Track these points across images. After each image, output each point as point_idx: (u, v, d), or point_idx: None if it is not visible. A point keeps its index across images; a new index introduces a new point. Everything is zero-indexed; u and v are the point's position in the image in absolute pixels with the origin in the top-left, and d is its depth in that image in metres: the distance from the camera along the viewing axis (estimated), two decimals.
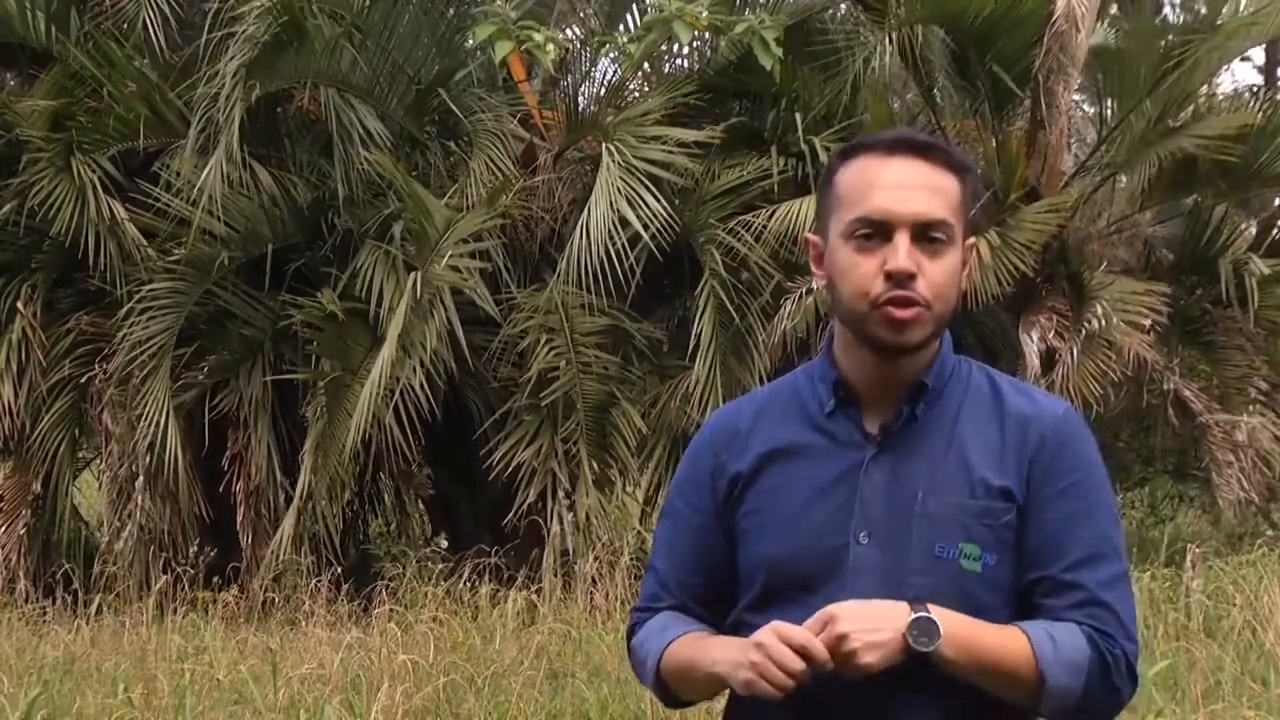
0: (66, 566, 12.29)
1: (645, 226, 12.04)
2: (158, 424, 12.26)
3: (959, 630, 2.55)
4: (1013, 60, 12.80)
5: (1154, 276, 12.99)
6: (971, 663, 2.57)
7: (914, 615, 2.53)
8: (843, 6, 13.91)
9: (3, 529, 12.73)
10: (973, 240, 2.78)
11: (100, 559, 12.51)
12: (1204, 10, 18.69)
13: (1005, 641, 2.59)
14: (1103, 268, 12.79)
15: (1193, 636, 9.09)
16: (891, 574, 2.65)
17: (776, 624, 2.56)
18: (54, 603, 11.40)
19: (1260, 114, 13.30)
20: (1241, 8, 14.38)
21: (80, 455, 13.42)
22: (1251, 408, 12.69)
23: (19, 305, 12.97)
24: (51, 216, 12.68)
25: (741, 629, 2.75)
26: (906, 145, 2.74)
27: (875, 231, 2.67)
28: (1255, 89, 17.48)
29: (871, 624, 2.53)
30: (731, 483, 2.83)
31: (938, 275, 2.67)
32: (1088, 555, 2.66)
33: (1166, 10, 19.69)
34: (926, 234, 2.66)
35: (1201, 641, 8.98)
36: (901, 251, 2.64)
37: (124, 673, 8.92)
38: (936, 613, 2.55)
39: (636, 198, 12.15)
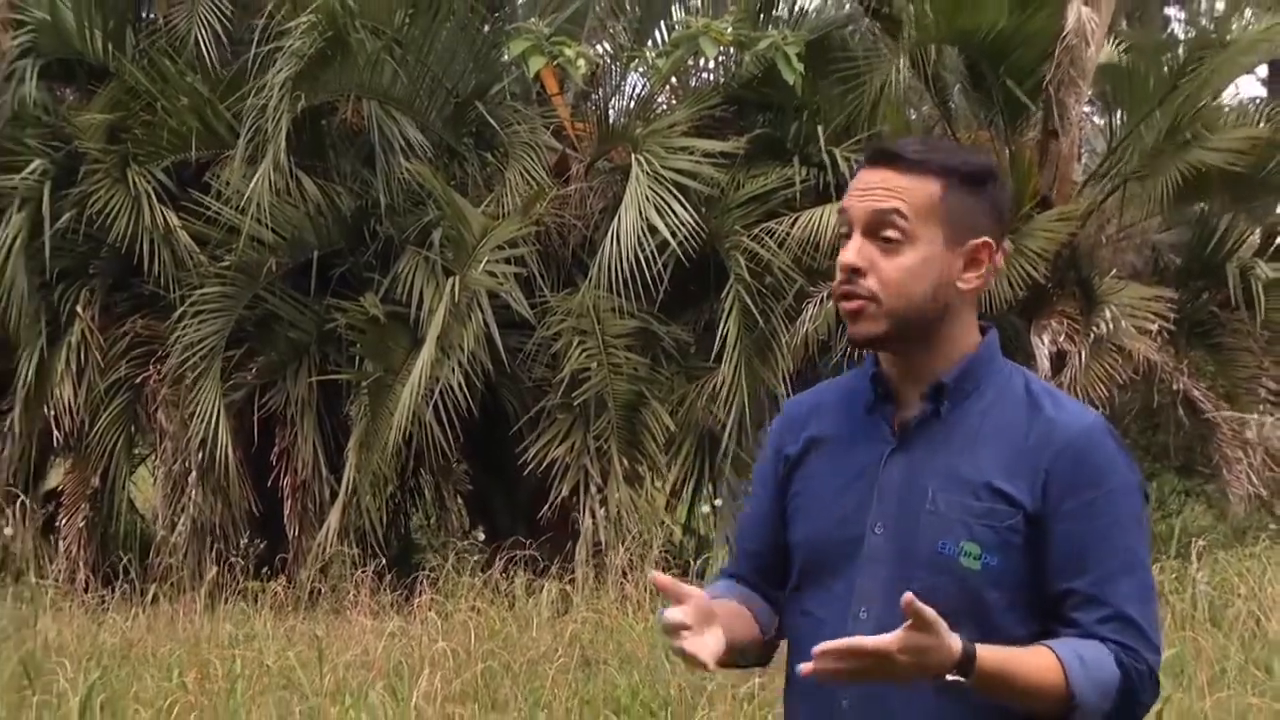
0: (124, 558, 12.29)
1: (673, 233, 12.07)
2: (209, 422, 12.32)
3: (991, 668, 2.51)
4: (1025, 73, 12.77)
5: (1162, 281, 12.97)
6: (1004, 693, 2.56)
7: (948, 678, 2.49)
8: (863, 23, 13.89)
9: (64, 522, 12.74)
10: (983, 240, 2.74)
11: (155, 550, 12.53)
12: (1209, 25, 18.69)
13: (1037, 667, 2.56)
14: (1112, 273, 12.77)
15: (1199, 626, 9.09)
16: (900, 566, 2.67)
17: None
18: (112, 592, 11.40)
19: (1266, 126, 13.29)
20: (1247, 24, 14.37)
21: (136, 452, 13.45)
22: (1261, 407, 12.66)
23: (78, 309, 12.99)
24: (109, 224, 12.74)
25: (790, 613, 2.83)
26: (881, 154, 2.77)
27: (846, 231, 2.72)
28: (1259, 101, 17.39)
29: (911, 675, 2.49)
30: (785, 465, 2.88)
31: (890, 271, 2.68)
32: (1114, 570, 2.62)
33: (1174, 26, 19.58)
34: (878, 231, 2.68)
35: (1207, 631, 8.98)
36: (851, 248, 2.68)
37: (178, 658, 8.94)
38: (980, 650, 2.50)
39: (665, 206, 12.18)
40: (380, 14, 12.93)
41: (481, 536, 11.76)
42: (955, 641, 2.48)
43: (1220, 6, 20.84)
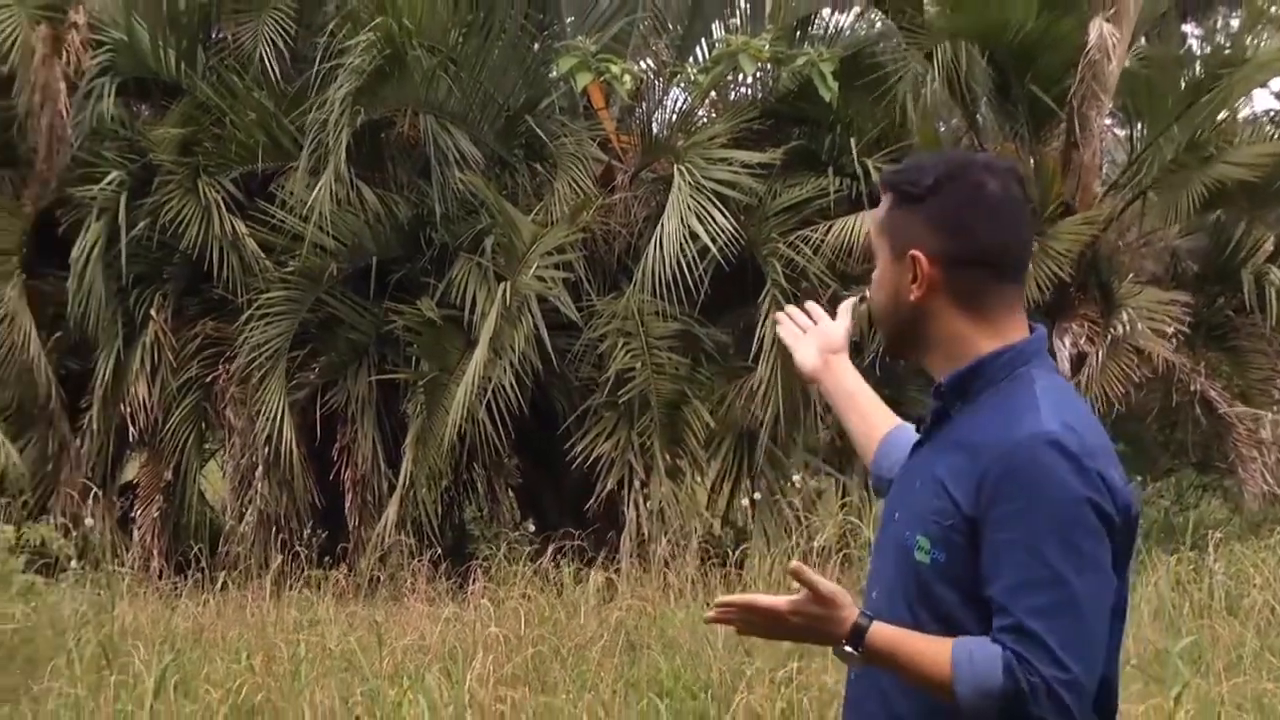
0: (195, 547, 12.34)
1: (713, 240, 12.08)
2: (274, 419, 12.39)
3: (881, 646, 2.57)
4: (1050, 82, 12.76)
5: (1179, 286, 12.93)
6: (894, 671, 2.60)
7: (844, 646, 2.59)
8: (894, 39, 13.86)
9: (139, 513, 12.83)
10: (917, 252, 2.70)
11: (224, 540, 12.60)
12: (1225, 42, 18.55)
13: (929, 656, 2.55)
14: (1130, 278, 12.75)
15: (1216, 615, 9.05)
16: (893, 552, 2.73)
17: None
18: (184, 579, 11.43)
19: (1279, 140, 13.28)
20: (1262, 42, 14.31)
21: (206, 447, 13.52)
22: (1275, 407, 12.61)
23: (152, 312, 13.07)
24: (181, 232, 12.83)
25: None
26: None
27: None
28: (1273, 113, 17.31)
29: (805, 638, 2.70)
30: None
31: (871, 290, 2.83)
32: (1021, 582, 2.53)
33: (1191, 42, 19.46)
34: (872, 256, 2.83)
35: (1224, 619, 8.93)
36: None
37: (246, 642, 8.97)
38: (879, 628, 2.58)
39: (705, 214, 12.19)
40: (436, 32, 12.96)
41: (531, 528, 11.78)
42: (850, 615, 2.55)
43: (1235, 24, 20.74)
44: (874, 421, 3.20)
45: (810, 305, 3.39)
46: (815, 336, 3.30)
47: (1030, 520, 2.53)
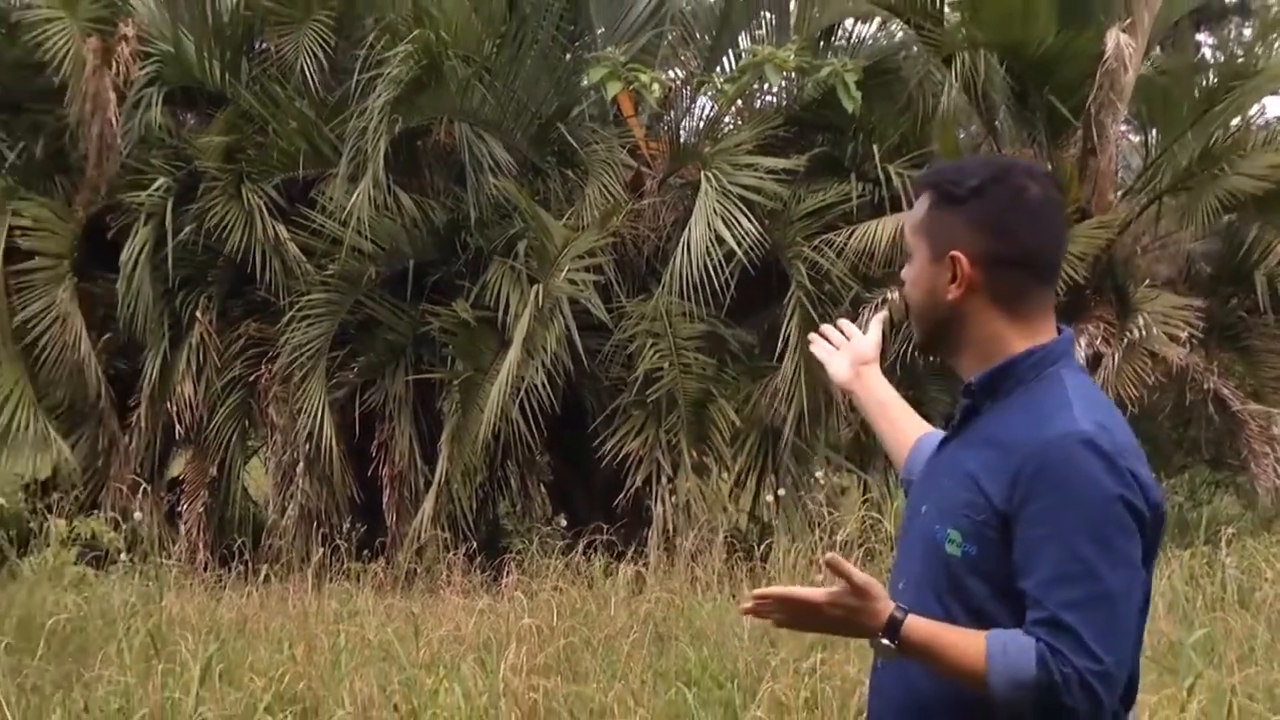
0: (239, 540, 12.35)
1: (739, 244, 12.09)
2: (315, 417, 12.43)
3: (917, 639, 2.55)
4: (1067, 92, 12.71)
5: (1193, 288, 12.91)
6: (929, 663, 2.59)
7: (881, 639, 2.57)
8: (915, 49, 13.86)
9: (185, 508, 12.88)
10: (958, 252, 2.71)
11: (267, 534, 12.64)
12: (1238, 51, 18.47)
13: (964, 648, 2.54)
14: (1145, 283, 12.72)
15: (1228, 607, 9.01)
16: (921, 544, 2.73)
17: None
18: (229, 571, 11.44)
19: None
20: (1275, 52, 14.26)
21: (249, 444, 13.54)
22: None
23: (197, 314, 13.12)
24: (225, 237, 12.89)
25: None
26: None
27: None
28: None
29: (841, 630, 2.68)
30: None
31: (906, 283, 2.81)
32: (1055, 576, 2.53)
33: (1205, 51, 19.40)
34: (907, 253, 2.81)
35: (1236, 612, 8.89)
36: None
37: (288, 632, 8.98)
38: (913, 622, 2.56)
39: (731, 219, 12.20)
40: (471, 43, 13.00)
41: (563, 522, 11.80)
42: (887, 607, 2.53)
43: (1248, 33, 20.66)
44: (904, 428, 3.22)
45: (842, 322, 3.41)
46: (847, 350, 3.32)
47: (1064, 516, 2.54)
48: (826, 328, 3.38)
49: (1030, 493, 2.56)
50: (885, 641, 2.54)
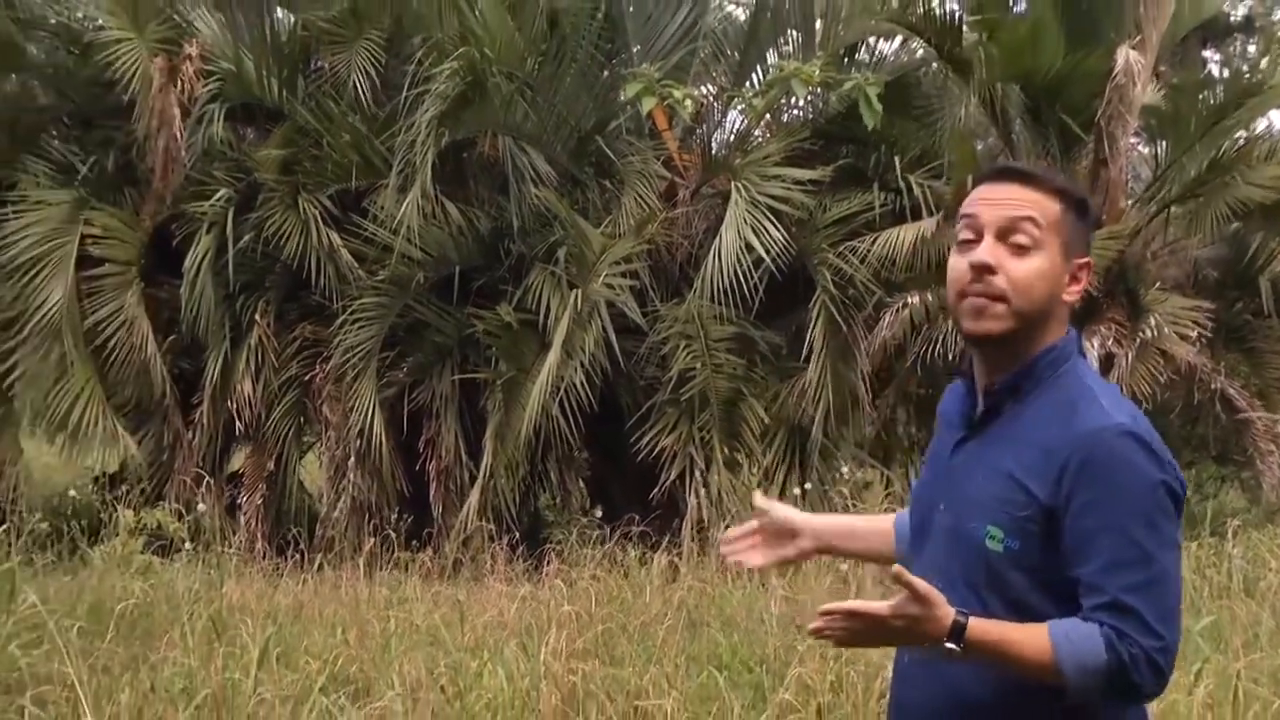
0: (294, 531, 12.42)
1: (767, 251, 12.08)
2: (366, 414, 12.47)
3: (982, 640, 2.53)
4: (1078, 109, 12.67)
5: (1200, 292, 12.84)
6: (997, 662, 2.56)
7: (946, 644, 2.52)
8: (934, 65, 13.82)
9: (245, 500, 12.93)
10: (1086, 260, 2.72)
11: (321, 524, 12.68)
12: (1244, 67, 18.38)
13: (1029, 643, 2.53)
14: (1156, 286, 12.68)
15: (1234, 596, 8.98)
16: (951, 542, 2.70)
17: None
18: (285, 560, 11.43)
19: None
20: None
21: (305, 440, 13.58)
22: None
23: (256, 317, 13.17)
24: (282, 244, 12.93)
25: None
26: (1011, 172, 2.75)
27: (970, 229, 2.69)
28: None
29: (907, 640, 2.58)
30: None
31: (1019, 272, 2.64)
32: (1112, 562, 2.54)
33: (1211, 67, 19.31)
34: (1010, 236, 2.65)
35: (1242, 600, 8.86)
36: (985, 247, 2.65)
37: (341, 618, 9.01)
38: (975, 623, 2.53)
39: (760, 227, 12.19)
40: (513, 60, 13.00)
41: (600, 514, 11.79)
42: (948, 613, 2.49)
43: (1252, 50, 20.56)
44: (879, 528, 3.15)
45: (732, 532, 3.21)
46: (771, 537, 3.16)
47: (1115, 505, 2.55)
48: (728, 535, 3.18)
49: (1077, 485, 2.56)
50: (950, 645, 2.51)
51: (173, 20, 13.84)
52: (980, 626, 2.53)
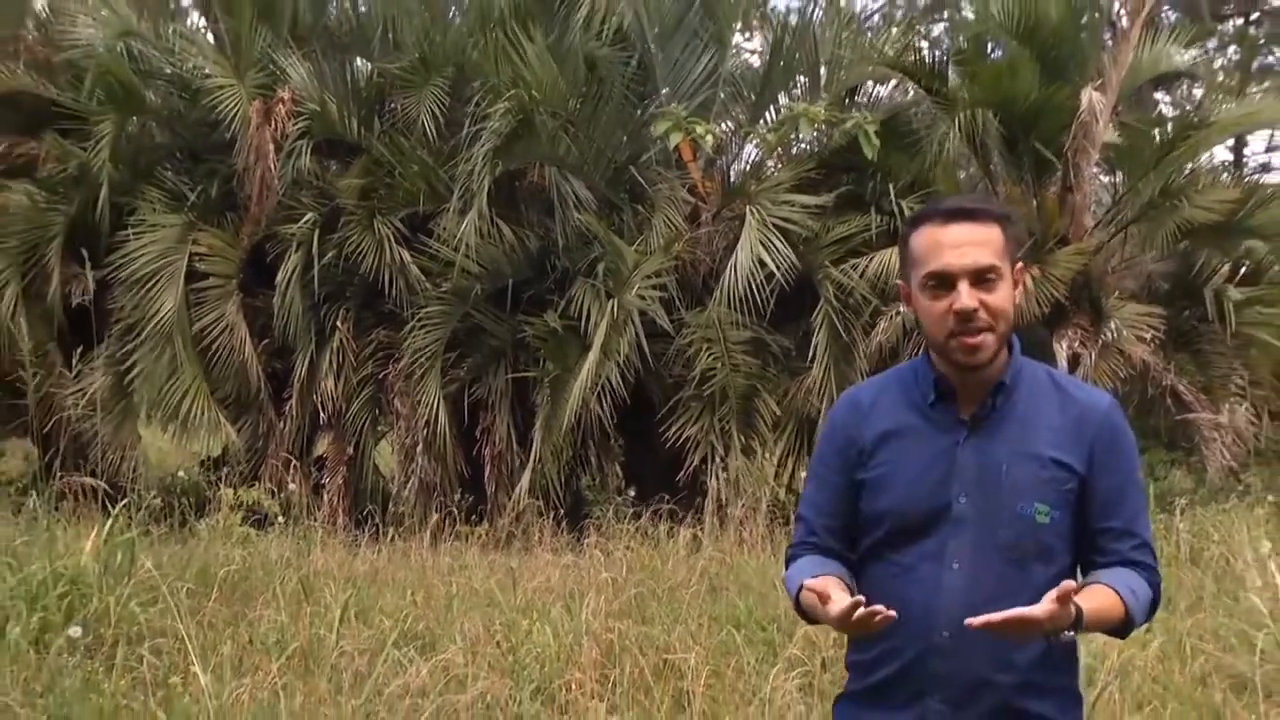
0: (370, 507, 12.46)
1: (778, 266, 12.10)
2: (431, 407, 12.52)
3: (1089, 619, 2.58)
4: (1049, 140, 12.65)
5: (1154, 301, 12.79)
6: (1094, 629, 2.66)
7: (1069, 633, 2.57)
8: (923, 104, 13.80)
9: (327, 480, 12.99)
10: (1020, 265, 2.77)
11: (393, 502, 12.72)
12: (1190, 109, 18.29)
13: (1110, 607, 2.63)
14: (1115, 295, 12.64)
15: (1181, 564, 8.97)
16: (983, 525, 2.68)
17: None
18: (362, 532, 11.53)
19: (1234, 188, 13.15)
20: (1220, 109, 14.19)
21: (379, 429, 13.61)
22: (1231, 399, 12.46)
23: (337, 323, 13.22)
24: (360, 260, 12.97)
25: (877, 561, 2.79)
26: (959, 213, 2.72)
27: (941, 283, 2.68)
28: (1227, 165, 17.16)
29: (1053, 629, 2.54)
30: (859, 452, 2.81)
31: (995, 302, 2.67)
32: (1136, 510, 2.74)
33: (1162, 107, 19.23)
34: (982, 277, 2.67)
35: (1188, 568, 8.86)
36: (964, 295, 2.65)
37: (410, 582, 9.07)
38: (1080, 599, 2.55)
39: (771, 245, 12.21)
40: (557, 101, 13.04)
41: (633, 494, 11.81)
42: (1072, 608, 2.53)
43: (1198, 94, 20.52)
44: (841, 571, 2.88)
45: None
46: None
47: (1129, 464, 2.75)
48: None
49: (1105, 453, 2.71)
50: (1069, 632, 2.58)
51: (268, 69, 13.89)
52: (1084, 607, 2.58)
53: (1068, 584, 2.50)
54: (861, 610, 2.52)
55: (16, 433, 14.72)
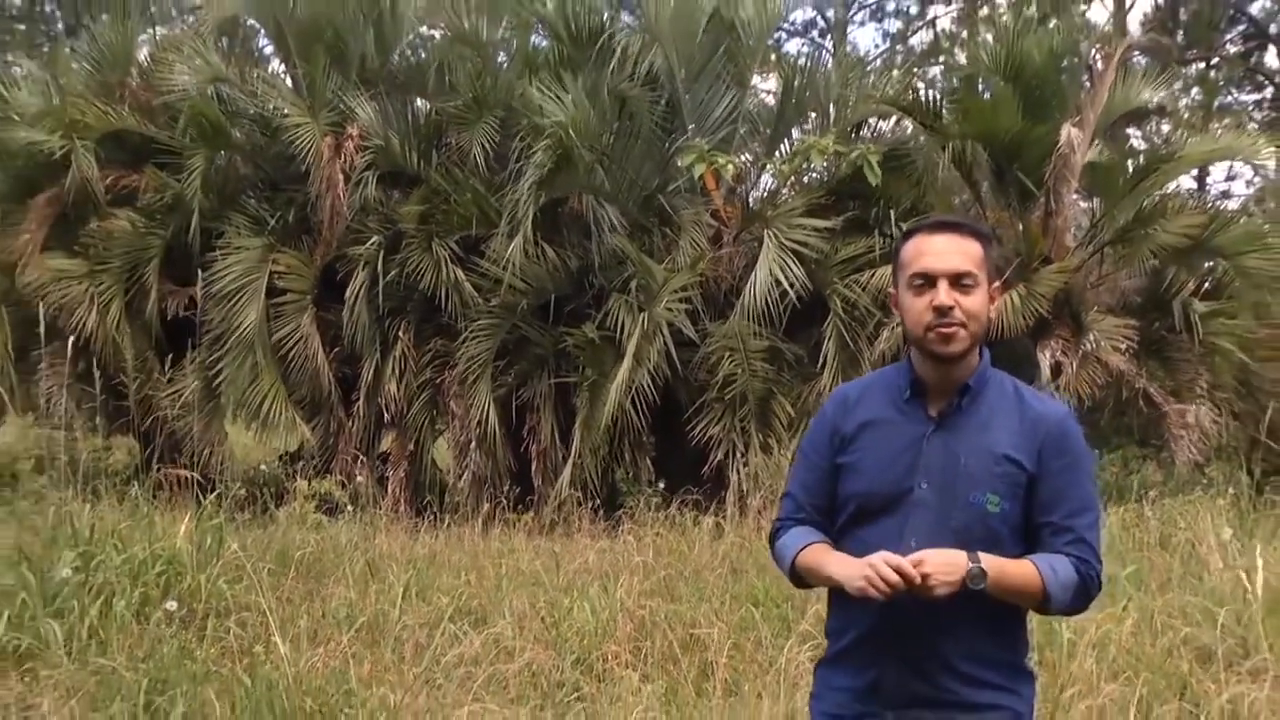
0: (428, 497, 12.55)
1: (791, 285, 12.09)
2: (483, 409, 12.56)
3: (995, 570, 2.60)
4: (1032, 169, 12.60)
5: (1128, 314, 12.73)
6: (1002, 591, 2.63)
7: (970, 566, 2.58)
8: (920, 138, 13.79)
9: (391, 473, 13.03)
10: (998, 284, 2.81)
11: (448, 493, 12.78)
12: (1160, 142, 18.24)
13: (1024, 573, 2.64)
14: (1094, 309, 12.59)
15: (1151, 549, 8.91)
16: (940, 510, 2.71)
17: (885, 554, 2.60)
18: (422, 519, 11.60)
19: (1198, 214, 13.10)
20: (1185, 144, 14.14)
21: (436, 428, 13.68)
22: (1196, 400, 12.39)
23: (399, 334, 13.27)
24: (419, 278, 13.02)
25: (845, 537, 2.81)
26: (944, 225, 2.80)
27: (925, 282, 2.73)
28: (1192, 192, 17.08)
29: (946, 569, 2.58)
30: (842, 439, 2.85)
31: (969, 305, 2.73)
32: (1077, 508, 2.71)
33: (1134, 141, 19.19)
34: (959, 281, 2.72)
35: (1158, 552, 8.81)
36: (942, 292, 2.71)
37: (464, 564, 9.12)
38: (983, 559, 2.60)
39: (785, 265, 12.20)
40: (593, 137, 13.07)
41: (662, 486, 11.84)
42: (967, 557, 2.60)
43: (1165, 128, 20.48)
44: (820, 539, 2.92)
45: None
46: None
47: (1078, 468, 2.73)
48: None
49: (1052, 455, 2.71)
50: (981, 585, 2.59)
51: (339, 108, 13.98)
52: (992, 565, 2.61)
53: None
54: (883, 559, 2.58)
55: (121, 430, 14.86)
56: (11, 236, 13.85)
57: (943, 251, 2.73)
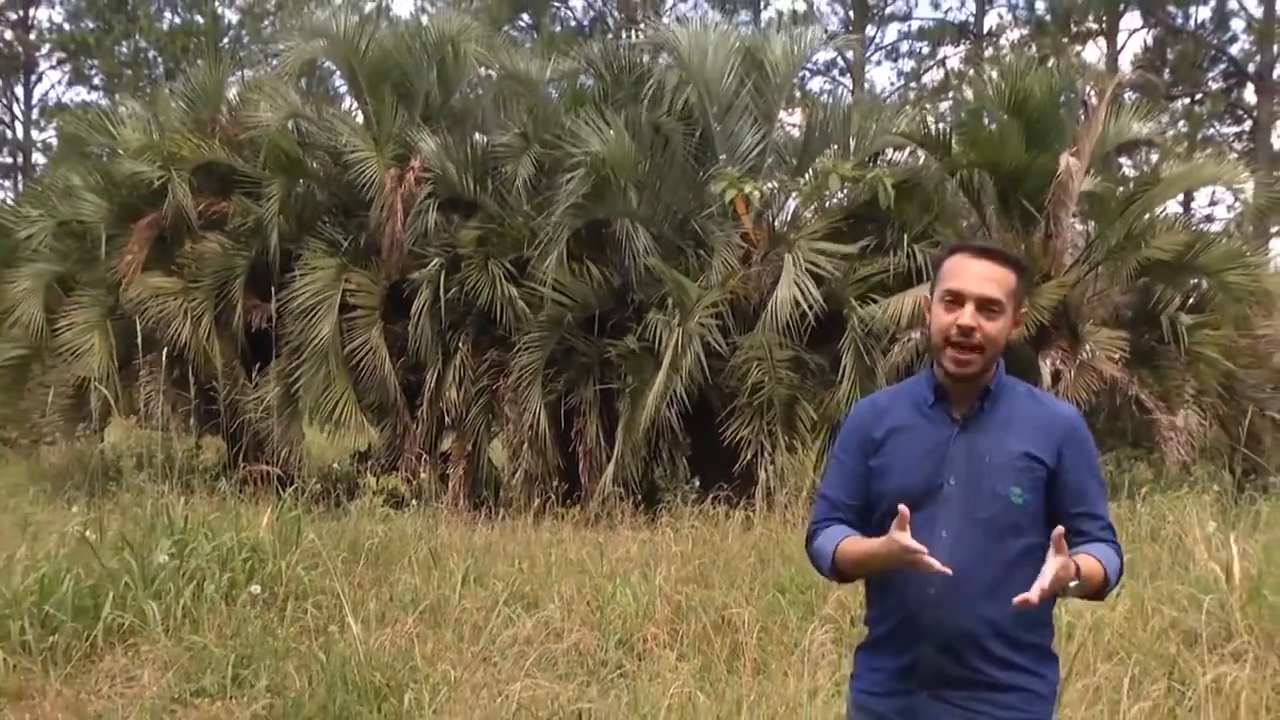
0: (485, 493, 12.58)
1: (810, 306, 12.06)
2: (534, 413, 12.59)
3: (1084, 569, 2.62)
4: (1034, 195, 12.52)
5: (1120, 326, 12.63)
6: (1088, 586, 2.65)
7: (1075, 582, 2.58)
8: (932, 166, 13.73)
9: (451, 471, 13.05)
10: (1024, 309, 2.85)
11: (503, 489, 12.78)
12: (1148, 169, 18.09)
13: (1095, 568, 2.66)
14: (1090, 322, 12.50)
15: (1143, 541, 8.85)
16: (968, 503, 2.72)
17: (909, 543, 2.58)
18: (479, 513, 11.67)
19: (1183, 233, 13.00)
20: (1171, 170, 14.05)
21: (492, 430, 13.73)
22: (1184, 405, 12.27)
23: (459, 345, 13.31)
24: (476, 295, 13.09)
25: (882, 531, 2.76)
26: (986, 251, 2.81)
27: (955, 300, 2.75)
28: (1178, 214, 16.93)
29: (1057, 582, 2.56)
30: (873, 443, 2.86)
31: (990, 331, 2.74)
32: (1099, 497, 2.77)
33: (1124, 169, 19.05)
34: (987, 306, 2.74)
35: (1149, 544, 8.74)
36: (967, 314, 2.73)
37: (517, 553, 9.15)
38: (1077, 559, 2.61)
39: (805, 285, 12.17)
40: (628, 165, 13.07)
41: (697, 483, 11.84)
42: (1071, 561, 2.60)
43: (1154, 158, 20.33)
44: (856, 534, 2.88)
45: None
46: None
47: (1093, 462, 2.79)
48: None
49: (1070, 452, 2.74)
50: (1075, 582, 2.59)
51: (402, 141, 14.10)
52: (1082, 567, 2.62)
53: (1060, 529, 2.57)
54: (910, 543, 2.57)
55: (211, 431, 15.02)
56: (116, 258, 14.06)
57: (978, 276, 2.74)
